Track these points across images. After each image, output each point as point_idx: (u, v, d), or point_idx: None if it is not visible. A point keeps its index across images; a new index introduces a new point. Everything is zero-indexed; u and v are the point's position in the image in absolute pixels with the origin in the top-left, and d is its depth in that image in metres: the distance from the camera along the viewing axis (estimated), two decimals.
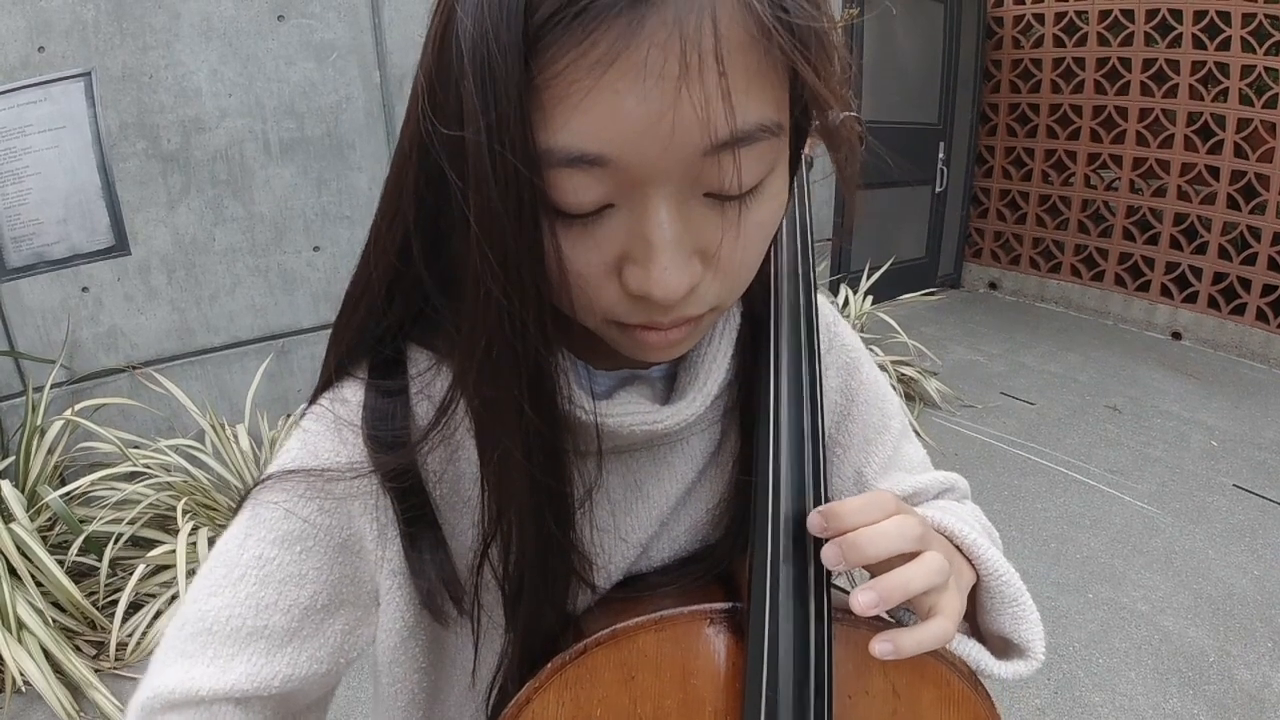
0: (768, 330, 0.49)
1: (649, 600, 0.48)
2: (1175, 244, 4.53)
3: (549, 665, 0.44)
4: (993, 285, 5.60)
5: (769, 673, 0.41)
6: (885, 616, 0.46)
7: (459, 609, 0.48)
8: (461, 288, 0.38)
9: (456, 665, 0.52)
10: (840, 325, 0.61)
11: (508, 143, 0.32)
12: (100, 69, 2.29)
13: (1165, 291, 4.62)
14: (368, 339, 0.47)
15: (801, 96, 0.37)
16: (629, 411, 0.47)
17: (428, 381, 0.47)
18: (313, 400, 0.48)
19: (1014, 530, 2.67)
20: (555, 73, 0.31)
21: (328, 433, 0.46)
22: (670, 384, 0.52)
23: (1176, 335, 4.57)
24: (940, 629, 0.41)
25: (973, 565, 0.49)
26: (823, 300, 0.61)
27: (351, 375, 0.48)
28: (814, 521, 0.41)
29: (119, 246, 2.45)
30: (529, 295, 0.36)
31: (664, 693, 0.44)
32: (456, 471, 0.49)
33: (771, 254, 0.50)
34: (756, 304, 0.51)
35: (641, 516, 0.52)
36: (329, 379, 0.48)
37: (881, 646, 0.40)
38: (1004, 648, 0.51)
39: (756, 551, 0.43)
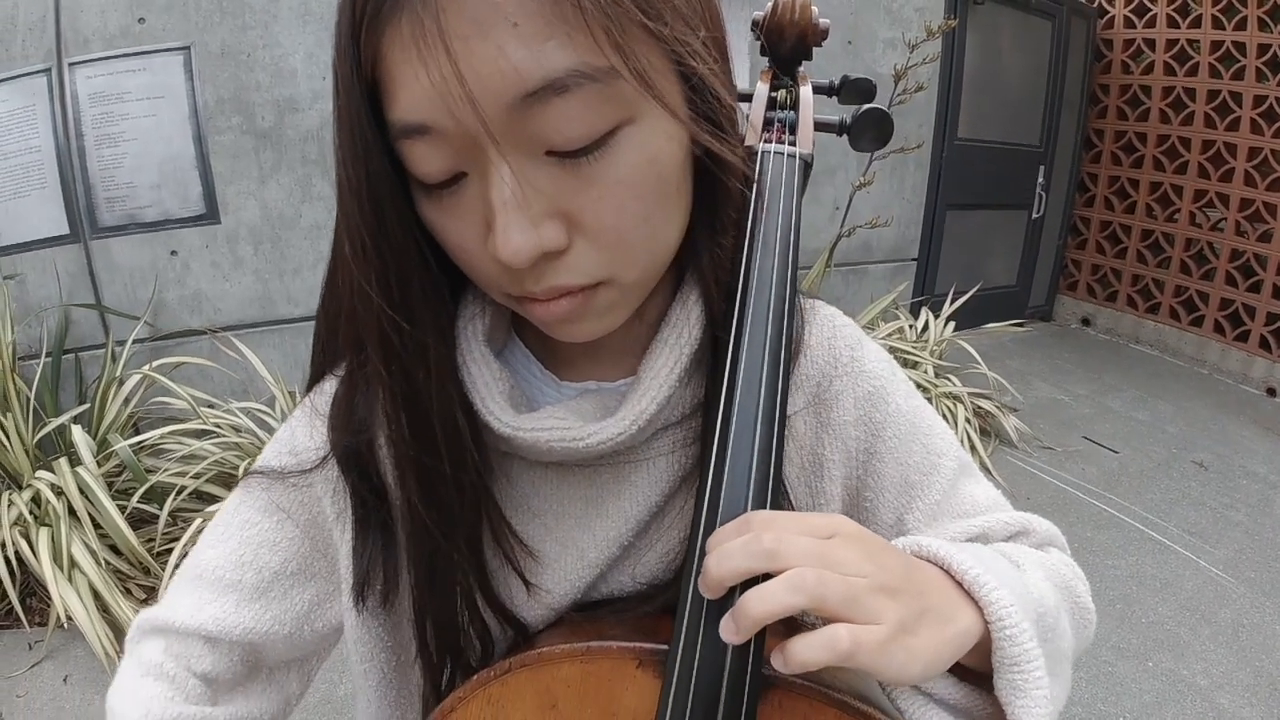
0: (726, 351, 0.44)
1: (597, 625, 0.47)
2: (1278, 293, 4.21)
3: (474, 678, 0.44)
4: (1086, 321, 5.31)
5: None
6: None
7: (384, 603, 0.50)
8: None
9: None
10: (864, 350, 0.54)
11: (346, 128, 0.37)
12: (199, 44, 2.40)
13: (1264, 344, 4.28)
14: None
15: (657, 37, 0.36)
16: (547, 428, 0.45)
17: None
18: (305, 393, 0.53)
19: None
20: (380, 55, 0.35)
21: (303, 424, 0.52)
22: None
23: (1271, 391, 4.24)
24: (829, 634, 0.34)
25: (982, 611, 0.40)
26: (846, 322, 0.56)
27: (333, 373, 0.52)
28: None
29: (209, 215, 2.56)
30: (389, 294, 0.40)
31: None
32: None
33: (742, 267, 0.45)
34: (719, 323, 0.46)
35: (599, 534, 0.50)
36: (316, 377, 0.53)
37: (775, 659, 0.35)
38: None
39: (681, 597, 0.40)
